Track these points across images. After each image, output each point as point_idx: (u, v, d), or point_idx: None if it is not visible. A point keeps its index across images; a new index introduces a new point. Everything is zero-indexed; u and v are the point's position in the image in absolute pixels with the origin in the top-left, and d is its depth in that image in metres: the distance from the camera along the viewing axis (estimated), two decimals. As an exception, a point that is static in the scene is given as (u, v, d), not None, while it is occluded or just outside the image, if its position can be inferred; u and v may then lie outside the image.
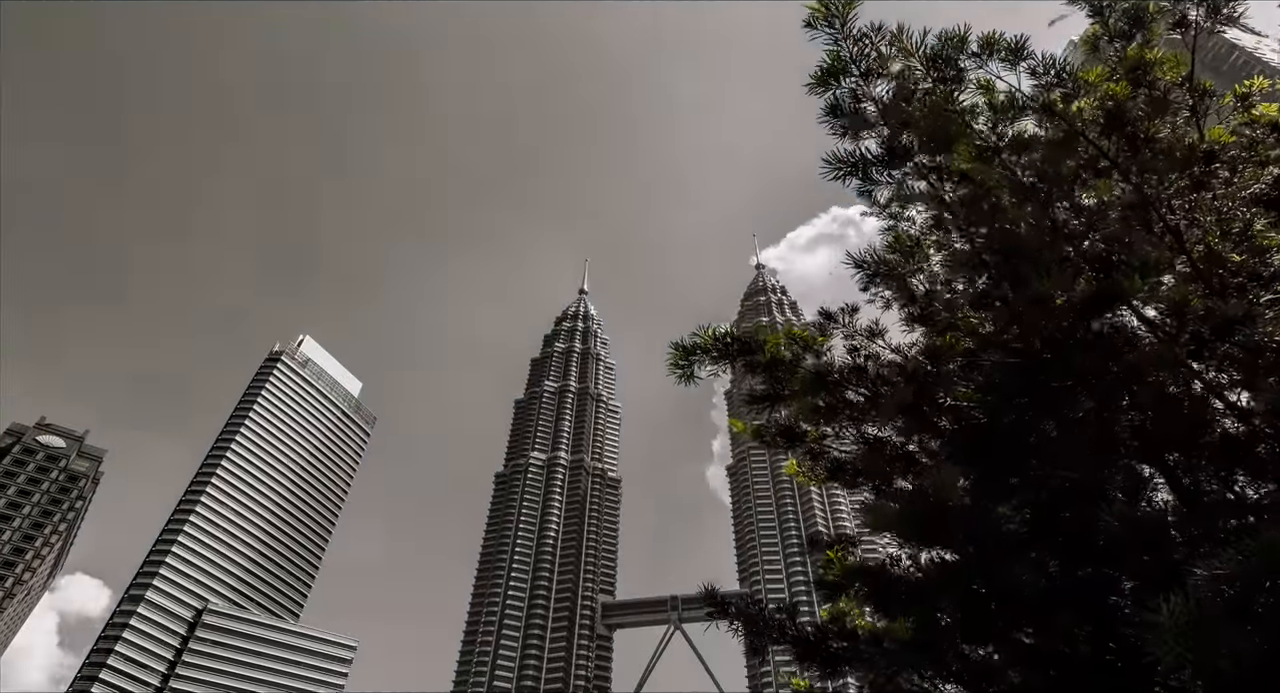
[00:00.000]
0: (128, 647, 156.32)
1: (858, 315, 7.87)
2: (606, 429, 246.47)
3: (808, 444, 8.83)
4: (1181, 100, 7.23)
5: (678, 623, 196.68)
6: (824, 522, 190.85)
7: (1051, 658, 5.64)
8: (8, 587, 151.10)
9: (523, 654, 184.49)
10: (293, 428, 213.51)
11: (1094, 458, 6.03)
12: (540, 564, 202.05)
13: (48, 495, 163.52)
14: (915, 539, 5.71)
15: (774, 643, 7.24)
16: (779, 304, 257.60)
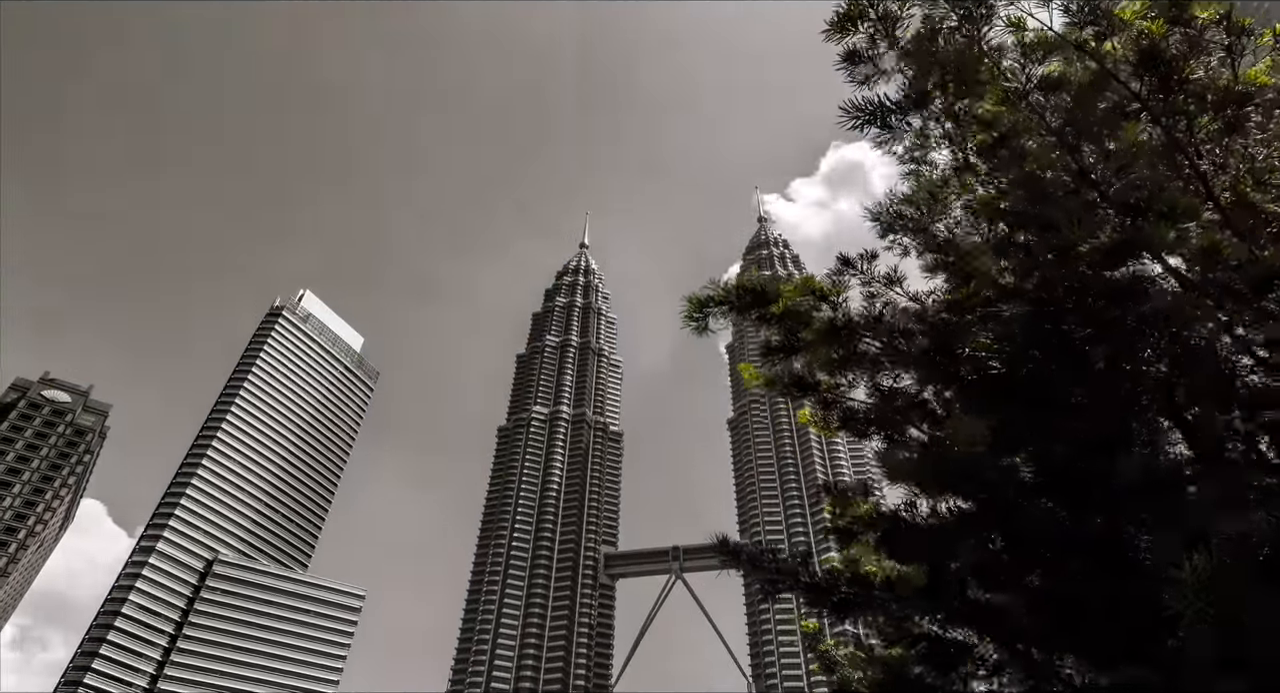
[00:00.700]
0: (141, 596, 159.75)
1: (876, 262, 7.73)
2: (608, 383, 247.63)
3: (820, 394, 8.79)
4: (1218, 39, 6.97)
5: (679, 573, 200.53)
6: (824, 473, 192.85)
7: (1062, 604, 5.67)
8: (21, 538, 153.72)
9: (527, 603, 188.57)
10: (296, 383, 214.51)
11: (1114, 409, 5.98)
12: (543, 516, 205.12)
13: (55, 450, 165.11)
14: (932, 488, 5.69)
15: (787, 590, 7.32)
16: (781, 258, 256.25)
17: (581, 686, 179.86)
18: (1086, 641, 5.48)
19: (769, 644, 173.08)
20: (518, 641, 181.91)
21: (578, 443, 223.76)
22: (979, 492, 5.32)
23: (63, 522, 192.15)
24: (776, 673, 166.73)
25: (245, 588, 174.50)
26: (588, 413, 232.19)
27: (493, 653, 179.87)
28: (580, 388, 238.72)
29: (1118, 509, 5.60)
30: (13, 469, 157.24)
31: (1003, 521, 5.31)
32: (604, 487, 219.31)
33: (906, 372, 6.70)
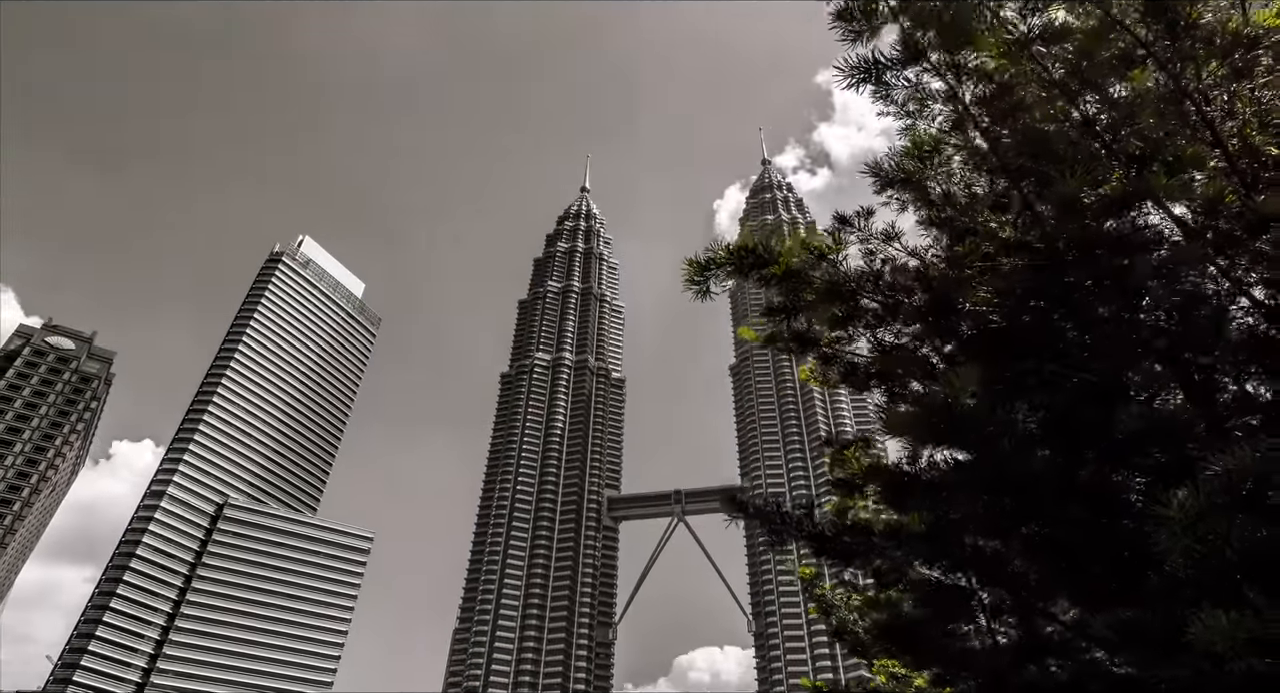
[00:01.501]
0: (155, 538, 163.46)
1: (873, 219, 7.70)
2: (610, 329, 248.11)
3: (821, 349, 8.86)
4: (1229, -21, 6.81)
5: (681, 515, 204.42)
6: (825, 420, 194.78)
7: (1059, 549, 5.86)
8: (34, 482, 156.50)
9: (532, 545, 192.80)
10: (298, 329, 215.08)
11: (1113, 359, 6.05)
12: (547, 460, 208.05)
13: (61, 396, 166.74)
14: (931, 440, 5.81)
15: (792, 538, 7.52)
16: (785, 202, 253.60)
17: (586, 624, 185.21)
18: (1080, 583, 5.68)
19: (769, 584, 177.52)
20: (523, 581, 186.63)
21: (580, 389, 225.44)
22: (977, 443, 5.43)
23: (74, 467, 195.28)
24: (776, 611, 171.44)
25: (256, 531, 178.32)
26: (590, 359, 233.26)
27: (499, 594, 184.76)
28: (582, 334, 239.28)
29: (1114, 456, 5.73)
30: (21, 415, 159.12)
31: (1001, 470, 5.45)
32: (606, 432, 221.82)
33: (907, 327, 6.75)
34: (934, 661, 6.89)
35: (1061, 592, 6.39)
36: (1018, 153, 6.26)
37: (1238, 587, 5.28)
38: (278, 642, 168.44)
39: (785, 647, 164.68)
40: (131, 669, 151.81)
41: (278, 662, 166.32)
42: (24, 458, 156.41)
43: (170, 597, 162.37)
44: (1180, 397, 6.57)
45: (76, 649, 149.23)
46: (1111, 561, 6.01)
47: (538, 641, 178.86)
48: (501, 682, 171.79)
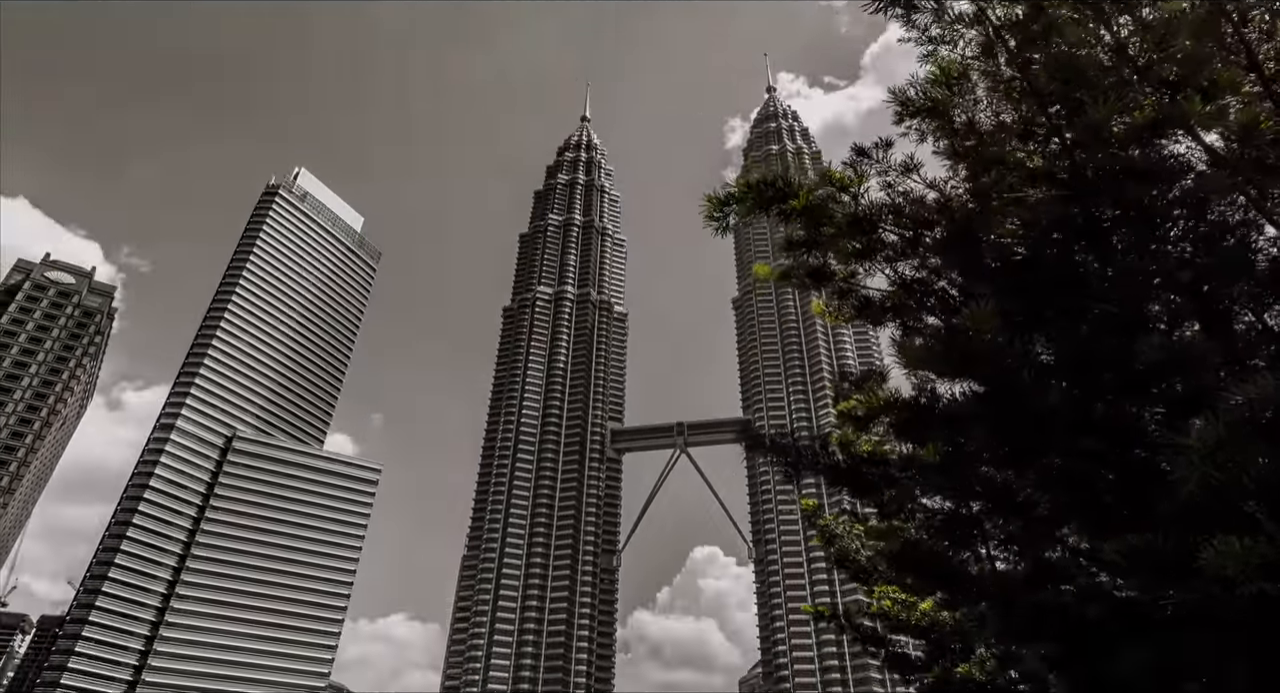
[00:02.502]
0: (167, 471, 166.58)
1: (892, 150, 7.52)
2: (612, 262, 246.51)
3: (836, 283, 8.81)
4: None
5: (683, 447, 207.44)
6: (827, 354, 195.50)
7: (1072, 479, 5.94)
8: (43, 417, 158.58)
9: (537, 476, 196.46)
10: (298, 263, 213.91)
11: (1135, 290, 6.01)
12: (551, 394, 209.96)
13: (65, 331, 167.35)
14: (950, 373, 5.82)
15: (809, 471, 7.63)
16: (790, 131, 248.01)
17: (591, 552, 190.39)
18: (1091, 511, 5.78)
19: (768, 513, 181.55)
20: (529, 511, 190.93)
21: (582, 322, 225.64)
22: (997, 376, 5.44)
23: (82, 402, 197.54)
24: (776, 539, 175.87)
25: (265, 463, 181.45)
26: (592, 293, 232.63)
27: (505, 523, 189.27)
28: (584, 268, 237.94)
29: (1132, 388, 5.76)
30: (26, 351, 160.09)
31: (1019, 402, 5.48)
32: (609, 365, 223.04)
33: (928, 260, 6.67)
34: (944, 586, 7.08)
35: (1072, 520, 6.51)
36: (1048, 78, 6.06)
37: (1252, 515, 5.38)
38: (292, 569, 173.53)
39: (784, 573, 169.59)
40: (151, 595, 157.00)
41: (293, 587, 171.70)
42: (32, 393, 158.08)
43: (185, 526, 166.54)
44: (1196, 328, 6.55)
45: (97, 576, 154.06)
46: (1124, 490, 6.11)
47: (543, 568, 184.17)
48: (509, 606, 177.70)
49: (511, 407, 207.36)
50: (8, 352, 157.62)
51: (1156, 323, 6.11)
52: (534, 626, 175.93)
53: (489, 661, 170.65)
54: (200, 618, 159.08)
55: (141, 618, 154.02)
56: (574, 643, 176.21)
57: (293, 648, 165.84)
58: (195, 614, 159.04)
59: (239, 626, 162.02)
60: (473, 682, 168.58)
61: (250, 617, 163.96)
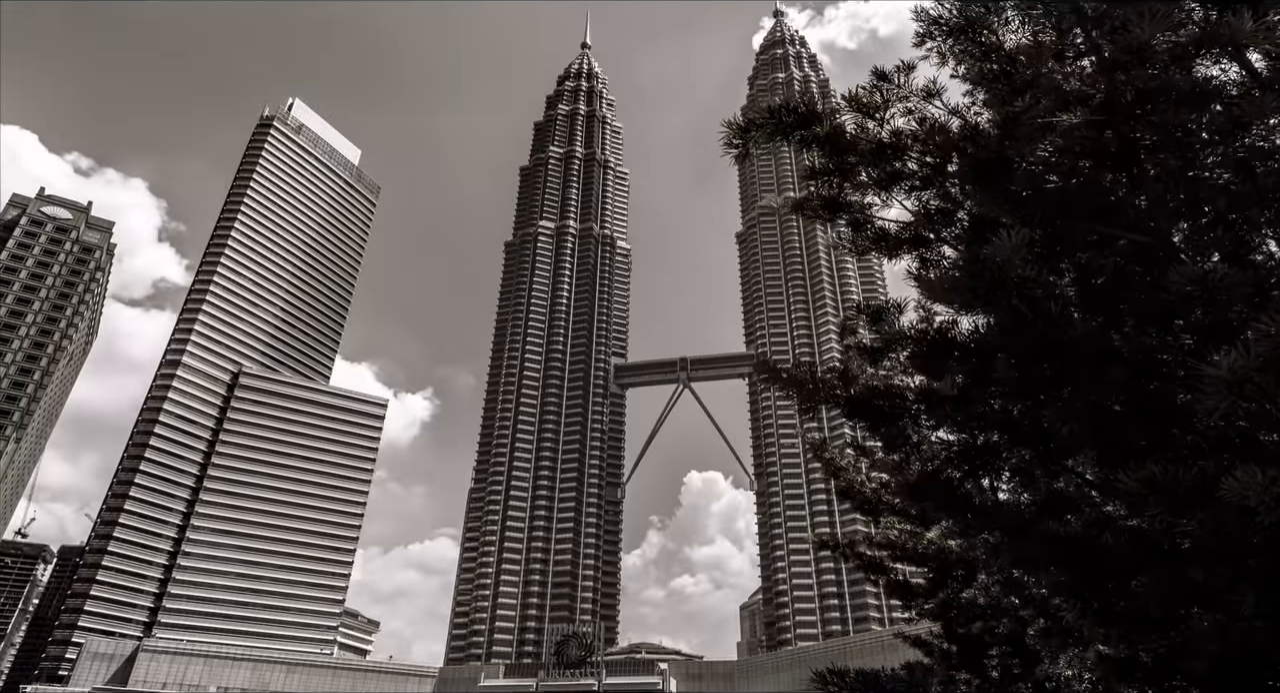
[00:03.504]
0: (175, 406, 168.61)
1: (914, 74, 7.21)
2: (614, 195, 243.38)
3: (852, 214, 8.62)
4: None
5: (686, 382, 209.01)
6: (831, 288, 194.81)
7: (1093, 410, 5.92)
8: (50, 353, 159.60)
9: (542, 411, 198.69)
10: (296, 198, 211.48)
11: (1167, 218, 5.86)
12: (554, 329, 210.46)
13: (65, 268, 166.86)
14: (976, 304, 5.71)
15: (825, 404, 7.61)
16: (797, 58, 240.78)
17: (595, 484, 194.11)
18: (1110, 442, 5.78)
19: (770, 447, 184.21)
20: (534, 447, 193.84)
21: (585, 257, 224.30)
22: (1020, 306, 5.34)
23: (87, 338, 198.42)
24: (777, 472, 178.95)
25: (272, 399, 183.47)
26: (594, 227, 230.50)
27: (511, 459, 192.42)
28: (586, 201, 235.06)
29: (1160, 319, 5.67)
30: (28, 287, 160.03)
31: (1046, 334, 5.40)
32: (612, 300, 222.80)
33: (953, 188, 6.48)
34: (958, 515, 7.15)
35: (1089, 450, 6.52)
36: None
37: (1276, 445, 5.36)
38: (304, 501, 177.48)
39: (785, 504, 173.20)
40: (167, 526, 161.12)
41: (305, 519, 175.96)
42: (37, 329, 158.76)
43: (196, 461, 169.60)
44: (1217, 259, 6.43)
45: (113, 509, 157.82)
46: (1145, 420, 6.09)
47: (549, 500, 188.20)
48: (516, 537, 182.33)
49: (515, 343, 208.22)
50: (9, 288, 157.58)
51: (1186, 253, 5.98)
52: (540, 556, 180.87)
53: (497, 589, 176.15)
54: (216, 548, 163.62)
55: (159, 548, 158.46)
56: (580, 572, 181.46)
57: (307, 576, 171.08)
58: (211, 544, 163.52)
59: (254, 555, 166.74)
60: (482, 608, 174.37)
61: (264, 547, 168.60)
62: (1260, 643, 5.82)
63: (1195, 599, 6.27)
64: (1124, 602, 6.63)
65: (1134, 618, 6.59)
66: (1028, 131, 5.38)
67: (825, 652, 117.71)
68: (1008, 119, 5.43)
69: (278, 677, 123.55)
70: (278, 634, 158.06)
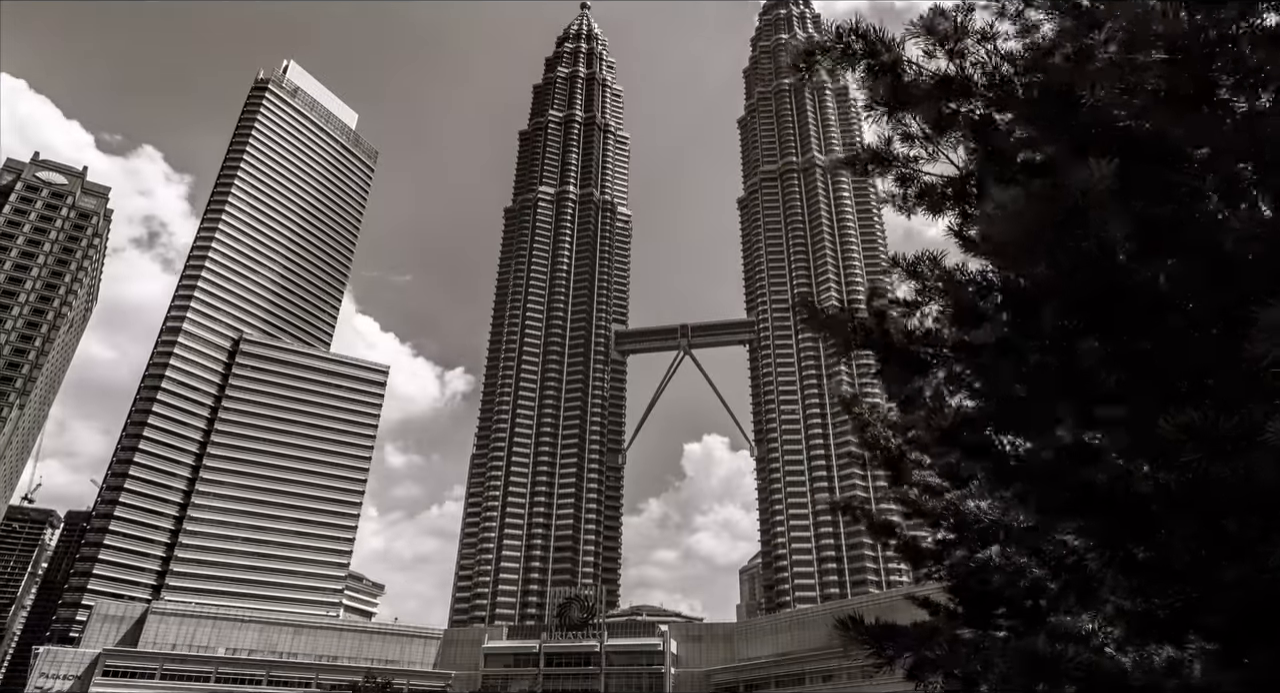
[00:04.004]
0: (177, 372, 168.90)
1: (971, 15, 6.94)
2: (614, 161, 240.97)
3: (899, 169, 8.44)
4: None
5: (687, 349, 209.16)
6: (833, 253, 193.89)
7: (1139, 358, 5.79)
8: (50, 320, 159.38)
9: (543, 378, 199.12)
10: (293, 162, 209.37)
11: (1235, 161, 5.66)
12: (554, 295, 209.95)
13: (63, 234, 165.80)
14: (1040, 252, 5.53)
15: (859, 348, 7.47)
16: (800, 19, 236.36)
17: (597, 450, 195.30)
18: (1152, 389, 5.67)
19: (771, 413, 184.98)
20: (535, 413, 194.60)
21: (585, 223, 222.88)
22: (1071, 257, 5.18)
23: (87, 305, 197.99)
24: (777, 438, 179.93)
25: (274, 365, 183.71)
26: (595, 192, 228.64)
27: (513, 425, 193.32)
28: (586, 166, 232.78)
29: (1219, 266, 5.51)
30: (25, 253, 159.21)
31: (1108, 279, 5.23)
32: (613, 266, 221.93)
33: (1016, 129, 6.25)
34: (989, 463, 7.08)
35: (1130, 399, 6.41)
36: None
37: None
38: (307, 467, 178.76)
39: (785, 470, 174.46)
40: (173, 492, 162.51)
41: (309, 485, 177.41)
42: (36, 296, 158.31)
43: (199, 427, 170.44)
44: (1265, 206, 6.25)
45: (119, 475, 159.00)
46: (1191, 368, 5.97)
47: (550, 466, 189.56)
48: (518, 503, 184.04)
49: (516, 309, 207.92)
50: (7, 255, 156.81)
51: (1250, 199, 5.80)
52: (542, 521, 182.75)
53: (500, 553, 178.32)
54: (221, 513, 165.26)
55: (165, 514, 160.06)
56: (581, 537, 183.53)
57: (312, 540, 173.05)
58: (216, 509, 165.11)
59: (258, 520, 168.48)
60: (485, 572, 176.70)
61: (269, 512, 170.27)
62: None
63: (1224, 550, 6.23)
64: (1150, 553, 6.60)
65: (1158, 569, 6.55)
66: (1102, 67, 5.16)
67: (825, 614, 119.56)
68: (1080, 52, 5.21)
69: (285, 638, 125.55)
70: (284, 597, 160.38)
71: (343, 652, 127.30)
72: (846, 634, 8.33)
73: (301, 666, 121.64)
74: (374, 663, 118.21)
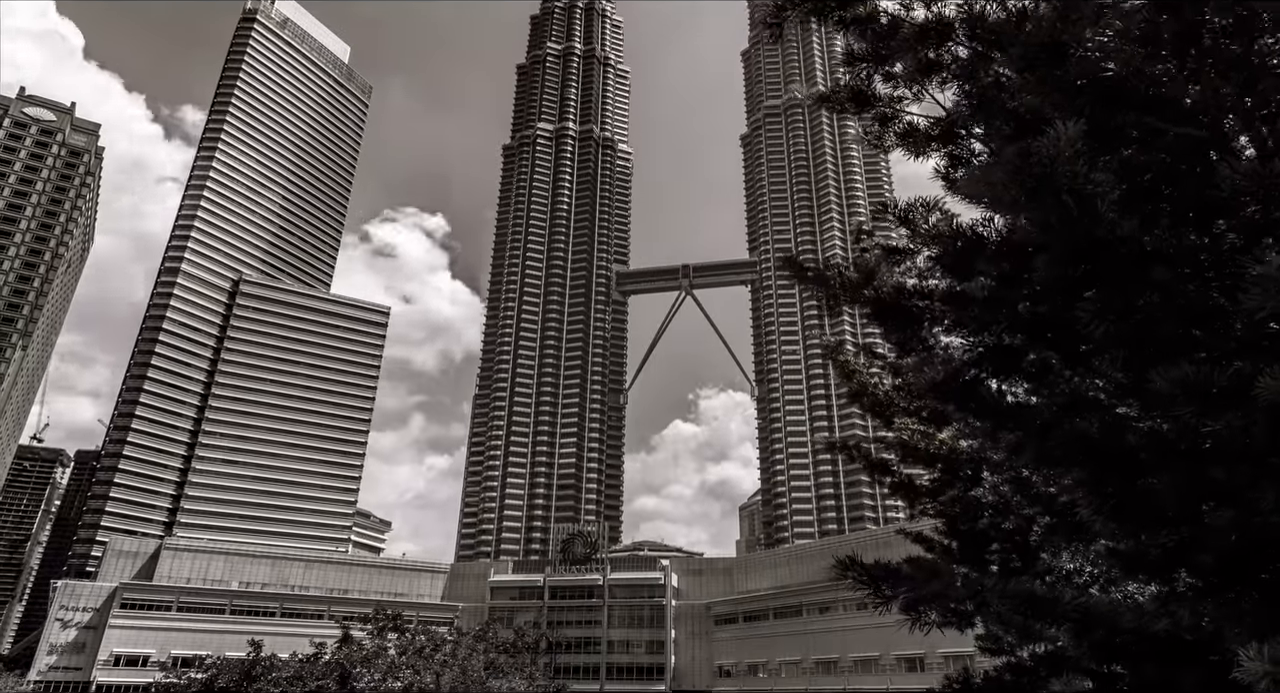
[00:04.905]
0: (179, 313, 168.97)
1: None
2: (615, 96, 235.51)
3: (880, 108, 8.27)
4: None
5: (688, 289, 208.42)
6: (836, 191, 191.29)
7: (1128, 311, 5.82)
8: (48, 260, 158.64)
9: (544, 319, 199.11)
10: (285, 98, 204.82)
11: (1222, 111, 5.58)
12: (555, 235, 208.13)
13: (55, 172, 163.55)
14: (1015, 202, 5.50)
15: (850, 304, 7.51)
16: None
17: (598, 390, 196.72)
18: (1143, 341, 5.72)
19: (772, 353, 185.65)
20: (537, 353, 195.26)
21: (585, 161, 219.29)
22: (1069, 203, 5.15)
23: (83, 245, 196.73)
24: (778, 378, 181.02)
25: (274, 307, 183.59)
26: (594, 129, 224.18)
27: (514, 366, 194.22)
28: (586, 102, 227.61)
29: (1207, 217, 5.49)
30: (18, 192, 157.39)
31: (1087, 232, 5.23)
32: (613, 206, 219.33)
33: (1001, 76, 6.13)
34: (982, 414, 7.17)
35: (1119, 351, 6.47)
36: None
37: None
38: (312, 408, 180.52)
39: (785, 409, 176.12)
40: (179, 432, 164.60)
41: (314, 424, 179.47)
42: (32, 235, 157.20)
43: (202, 368, 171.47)
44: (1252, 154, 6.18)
45: (125, 414, 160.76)
46: (1180, 321, 6.01)
47: (553, 405, 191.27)
48: (521, 442, 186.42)
49: (516, 249, 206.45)
50: (0, 194, 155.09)
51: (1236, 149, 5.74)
52: (545, 460, 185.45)
53: (504, 491, 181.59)
54: (228, 452, 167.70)
55: (173, 452, 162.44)
56: (584, 475, 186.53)
57: (318, 479, 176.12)
58: (223, 448, 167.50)
59: (266, 459, 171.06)
60: (490, 509, 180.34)
61: (275, 451, 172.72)
62: (1276, 538, 5.93)
63: (1213, 497, 6.37)
64: (1141, 499, 6.75)
65: (1149, 514, 6.72)
66: (1088, 13, 5.03)
67: (822, 549, 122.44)
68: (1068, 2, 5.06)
69: (296, 572, 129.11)
70: (293, 534, 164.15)
71: (353, 585, 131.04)
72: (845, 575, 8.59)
73: (313, 598, 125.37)
74: (383, 596, 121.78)
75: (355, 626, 60.13)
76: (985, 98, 6.00)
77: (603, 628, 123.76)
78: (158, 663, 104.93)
